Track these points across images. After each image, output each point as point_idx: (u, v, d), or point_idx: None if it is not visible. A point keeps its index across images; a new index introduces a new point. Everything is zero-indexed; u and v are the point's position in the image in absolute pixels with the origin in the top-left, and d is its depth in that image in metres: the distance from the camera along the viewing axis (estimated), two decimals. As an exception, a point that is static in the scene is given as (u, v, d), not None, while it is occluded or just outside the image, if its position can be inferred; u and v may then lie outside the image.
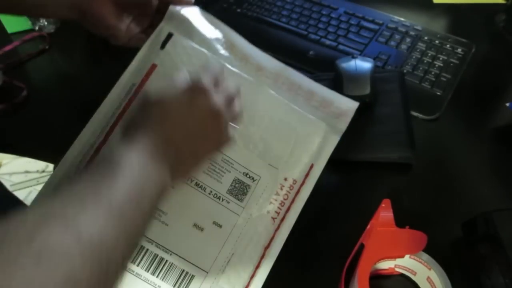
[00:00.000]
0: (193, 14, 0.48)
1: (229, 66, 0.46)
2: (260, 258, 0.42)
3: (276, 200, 0.44)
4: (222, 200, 0.42)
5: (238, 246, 0.42)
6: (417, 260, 0.43)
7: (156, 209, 0.36)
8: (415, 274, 0.44)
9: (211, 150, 0.41)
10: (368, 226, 0.44)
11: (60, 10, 0.44)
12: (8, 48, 0.70)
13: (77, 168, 0.43)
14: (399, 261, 0.43)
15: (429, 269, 0.42)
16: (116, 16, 0.45)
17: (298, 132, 0.45)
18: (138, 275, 0.39)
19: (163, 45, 0.45)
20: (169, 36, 0.45)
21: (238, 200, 0.43)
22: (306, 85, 0.48)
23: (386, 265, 0.44)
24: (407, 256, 0.43)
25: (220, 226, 0.42)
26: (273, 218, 0.43)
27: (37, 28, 0.73)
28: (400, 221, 0.43)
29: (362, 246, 0.42)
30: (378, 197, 0.45)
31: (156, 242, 0.40)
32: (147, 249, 0.40)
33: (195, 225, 0.41)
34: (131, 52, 0.52)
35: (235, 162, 0.44)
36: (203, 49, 0.46)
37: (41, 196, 0.37)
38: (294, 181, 0.44)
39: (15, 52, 0.70)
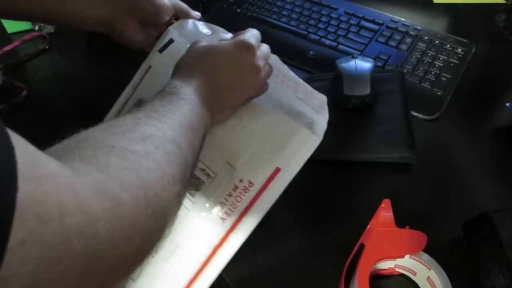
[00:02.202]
0: (199, 24, 0.51)
1: None
2: (209, 256, 0.42)
3: (227, 200, 0.43)
4: None
5: (183, 241, 0.41)
6: (417, 260, 0.43)
7: (201, 149, 0.39)
8: (415, 274, 0.44)
9: (243, 103, 0.44)
10: (368, 226, 0.44)
11: (93, 25, 0.49)
12: (8, 48, 0.70)
13: None
14: (399, 261, 0.43)
15: (429, 269, 0.42)
16: (139, 32, 0.50)
17: (266, 133, 0.43)
18: None
19: (162, 49, 0.48)
20: (170, 42, 0.48)
21: (190, 195, 0.43)
22: (292, 76, 0.48)
23: (386, 265, 0.44)
24: (407, 256, 0.43)
25: None
26: (223, 219, 0.42)
27: (37, 28, 0.73)
28: (400, 221, 0.43)
29: (362, 246, 0.42)
30: (378, 197, 0.45)
31: None
32: None
33: None
34: (130, 52, 0.52)
35: None
36: None
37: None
38: (250, 184, 0.43)
39: (15, 52, 0.70)
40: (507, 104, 0.59)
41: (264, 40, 0.56)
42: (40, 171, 0.21)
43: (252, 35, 0.43)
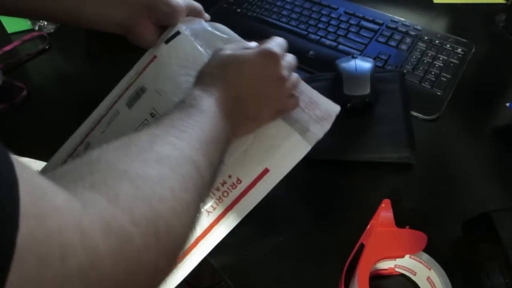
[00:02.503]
0: (208, 23, 0.51)
1: None
2: (190, 247, 0.42)
3: (214, 194, 0.44)
4: None
5: None
6: (417, 260, 0.43)
7: (223, 162, 0.38)
8: (415, 274, 0.44)
9: (269, 116, 0.43)
10: (368, 226, 0.44)
11: (110, 27, 0.49)
12: (8, 48, 0.70)
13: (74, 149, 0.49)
14: (399, 261, 0.43)
15: (429, 269, 0.42)
16: (153, 33, 0.50)
17: (259, 134, 0.44)
18: None
19: (168, 40, 0.48)
20: (177, 33, 0.48)
21: None
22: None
23: (386, 265, 0.44)
24: (407, 256, 0.43)
25: None
26: (208, 212, 0.44)
27: (37, 28, 0.73)
28: (400, 221, 0.43)
29: (362, 246, 0.42)
30: (378, 197, 0.45)
31: None
32: None
33: None
34: (130, 52, 0.52)
35: None
36: (201, 49, 0.47)
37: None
38: (239, 181, 0.44)
39: (15, 52, 0.70)
40: (507, 104, 0.59)
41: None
42: (44, 208, 0.20)
43: (276, 43, 0.42)
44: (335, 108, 0.46)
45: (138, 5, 0.48)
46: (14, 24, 0.73)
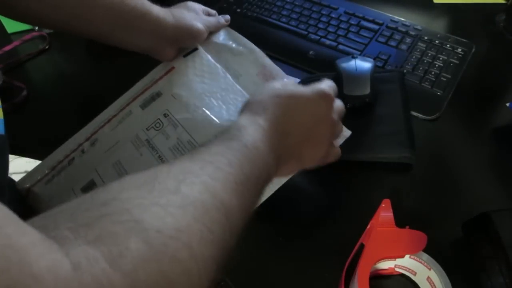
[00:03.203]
0: (223, 31, 0.55)
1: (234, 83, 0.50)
2: None
3: None
4: None
5: None
6: (417, 260, 0.43)
7: (258, 202, 0.37)
8: (415, 274, 0.44)
9: (312, 159, 0.42)
10: (368, 226, 0.44)
11: (135, 49, 0.52)
12: (8, 48, 0.70)
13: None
14: (399, 261, 0.43)
15: (429, 269, 0.42)
16: (175, 53, 0.53)
17: None
18: None
19: (186, 54, 0.53)
20: (195, 49, 0.53)
21: None
22: None
23: (386, 265, 0.44)
24: (407, 256, 0.43)
25: None
26: None
27: (37, 28, 0.73)
28: (400, 221, 0.43)
29: (362, 246, 0.42)
30: (378, 197, 0.45)
31: None
32: None
33: None
34: (130, 53, 0.52)
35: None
36: (215, 62, 0.51)
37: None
38: None
39: (15, 52, 0.70)
40: (507, 104, 0.59)
41: (264, 40, 0.56)
42: (17, 277, 0.17)
43: (329, 86, 0.41)
44: (346, 133, 0.47)
45: (165, 37, 0.50)
46: (14, 24, 0.73)
